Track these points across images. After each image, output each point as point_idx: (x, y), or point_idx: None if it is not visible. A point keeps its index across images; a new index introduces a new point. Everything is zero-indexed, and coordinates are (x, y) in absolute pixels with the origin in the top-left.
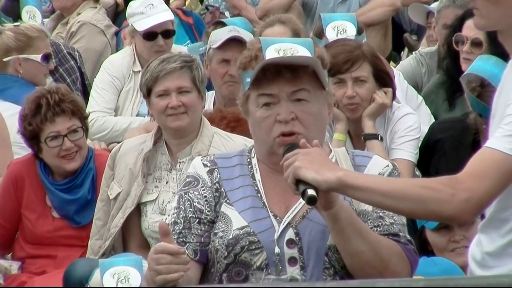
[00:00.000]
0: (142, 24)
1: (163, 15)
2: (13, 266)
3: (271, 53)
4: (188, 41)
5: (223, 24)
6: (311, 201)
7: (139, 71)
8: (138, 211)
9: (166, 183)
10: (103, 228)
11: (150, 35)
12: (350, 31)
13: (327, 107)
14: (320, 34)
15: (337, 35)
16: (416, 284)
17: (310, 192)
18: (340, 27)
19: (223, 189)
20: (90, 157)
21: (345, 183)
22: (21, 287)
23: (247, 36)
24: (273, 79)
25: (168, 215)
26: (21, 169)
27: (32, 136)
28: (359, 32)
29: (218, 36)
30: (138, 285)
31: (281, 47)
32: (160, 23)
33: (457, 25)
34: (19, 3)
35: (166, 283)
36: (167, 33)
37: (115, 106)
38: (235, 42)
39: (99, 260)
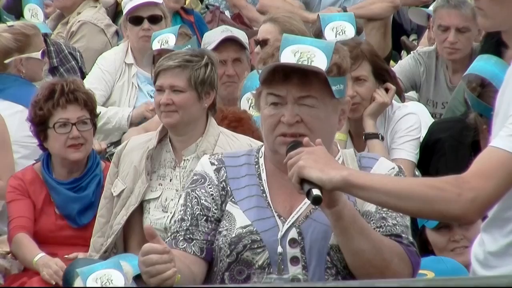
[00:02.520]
0: (127, 7)
1: None
2: (13, 267)
3: (286, 54)
4: None
5: None
6: (316, 201)
7: (132, 63)
8: (140, 208)
9: (170, 180)
10: (105, 226)
11: (135, 19)
12: (349, 32)
13: (339, 113)
14: (319, 34)
15: (336, 36)
16: (416, 285)
17: (315, 192)
18: (339, 28)
19: (229, 187)
20: (98, 164)
21: (350, 183)
22: (21, 287)
23: (239, 34)
24: (282, 81)
25: (171, 213)
26: (21, 180)
27: (41, 122)
28: (358, 32)
29: (211, 37)
30: (123, 285)
31: (299, 49)
32: (144, 4)
33: None
34: (21, 1)
35: (161, 283)
36: (153, 18)
37: (110, 102)
38: (229, 42)
39: (77, 270)
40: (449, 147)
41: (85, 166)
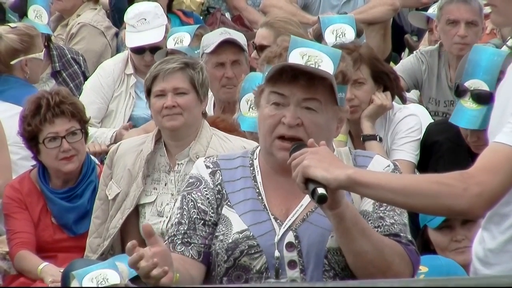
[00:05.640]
0: (131, 39)
1: (153, 35)
2: (12, 269)
3: (295, 56)
4: None
5: None
6: (321, 200)
7: (131, 73)
8: (136, 211)
9: (165, 185)
10: (101, 227)
11: (138, 50)
12: (349, 34)
13: (337, 121)
14: (319, 37)
15: (336, 39)
16: (416, 285)
17: (320, 191)
18: (339, 31)
19: (225, 191)
20: (93, 169)
21: (355, 181)
22: (21, 287)
23: (238, 36)
24: (288, 82)
25: (167, 217)
26: (19, 192)
27: (31, 137)
28: (358, 34)
29: (210, 40)
30: (118, 283)
31: (307, 52)
32: (148, 45)
33: None
34: (27, 1)
35: (157, 281)
36: (156, 50)
37: (107, 112)
38: (227, 44)
39: (72, 273)
40: (448, 149)
41: (79, 174)
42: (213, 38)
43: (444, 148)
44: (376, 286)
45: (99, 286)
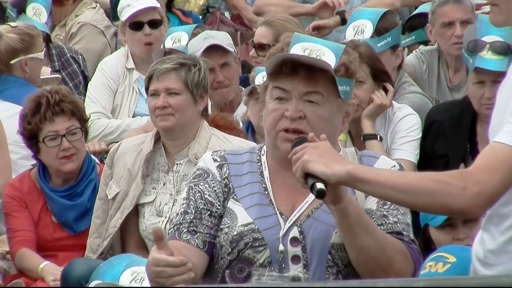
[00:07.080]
0: (126, 13)
1: (147, 2)
2: (12, 268)
3: (296, 50)
4: None
5: None
6: (320, 194)
7: (132, 68)
8: (136, 211)
9: (164, 185)
10: (101, 227)
11: (136, 25)
12: (367, 32)
13: (343, 115)
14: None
15: (354, 36)
16: (416, 285)
17: (319, 185)
18: (360, 27)
19: (231, 185)
20: (93, 168)
21: (354, 176)
22: (22, 286)
23: (222, 38)
24: (289, 75)
25: (165, 217)
26: (19, 190)
27: (31, 136)
28: (380, 32)
29: (195, 46)
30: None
31: (309, 46)
32: (144, 10)
33: None
34: None
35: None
36: (154, 23)
37: (112, 107)
38: (213, 49)
39: (132, 259)
40: (448, 128)
41: (79, 173)
42: (197, 44)
43: (445, 127)
44: (375, 286)
45: (130, 284)
